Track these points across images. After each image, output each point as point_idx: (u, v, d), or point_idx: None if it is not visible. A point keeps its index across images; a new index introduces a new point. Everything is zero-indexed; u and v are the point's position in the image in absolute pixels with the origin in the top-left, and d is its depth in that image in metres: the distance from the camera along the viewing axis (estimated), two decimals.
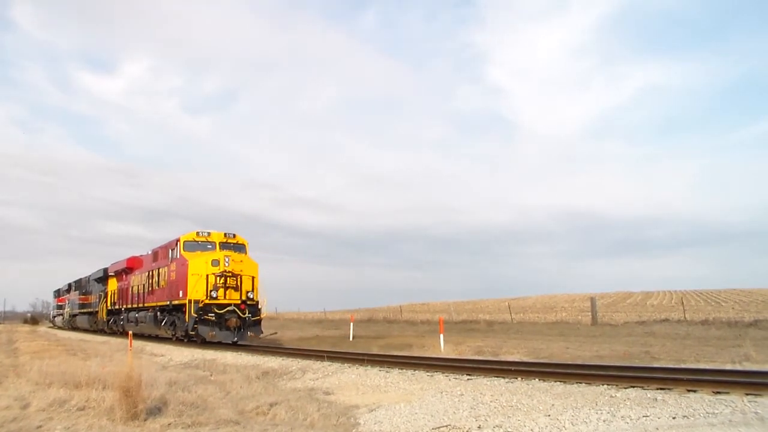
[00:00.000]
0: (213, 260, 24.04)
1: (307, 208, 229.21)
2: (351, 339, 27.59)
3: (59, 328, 57.58)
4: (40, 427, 7.73)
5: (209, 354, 20.85)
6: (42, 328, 59.35)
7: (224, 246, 25.30)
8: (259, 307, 24.68)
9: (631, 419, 7.54)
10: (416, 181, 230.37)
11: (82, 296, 47.36)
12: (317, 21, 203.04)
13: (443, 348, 19.54)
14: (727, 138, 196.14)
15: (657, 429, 6.89)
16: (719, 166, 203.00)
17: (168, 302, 26.23)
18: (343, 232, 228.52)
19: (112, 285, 37.17)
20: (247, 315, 23.80)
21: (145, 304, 29.64)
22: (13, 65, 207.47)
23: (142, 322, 29.89)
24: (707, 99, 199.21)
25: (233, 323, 23.35)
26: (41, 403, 9.01)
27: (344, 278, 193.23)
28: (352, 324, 29.67)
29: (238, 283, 24.09)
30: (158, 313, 27.58)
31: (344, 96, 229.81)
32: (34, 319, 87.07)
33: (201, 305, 23.28)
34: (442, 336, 20.01)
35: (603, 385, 10.08)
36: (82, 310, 47.07)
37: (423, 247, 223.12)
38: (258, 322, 24.45)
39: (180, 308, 24.78)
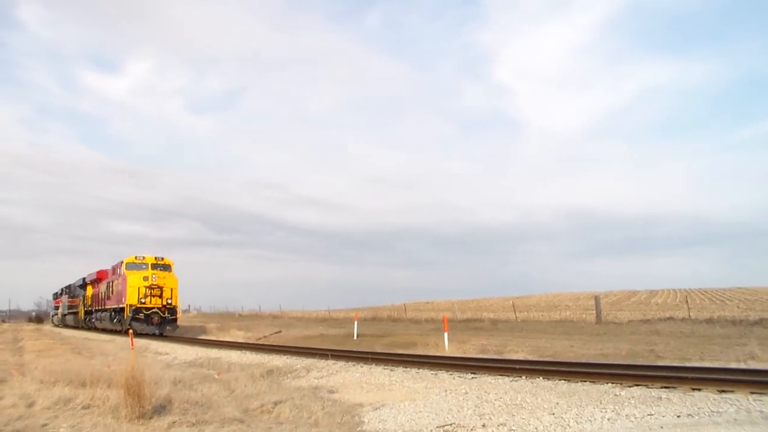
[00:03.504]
0: (144, 276, 33.91)
1: (312, 208, 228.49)
2: (355, 337, 27.60)
3: (57, 326, 61.82)
4: (46, 425, 7.75)
5: (213, 352, 20.91)
6: (46, 327, 59.67)
7: (154, 266, 34.69)
8: (177, 309, 34.99)
9: (635, 418, 7.53)
10: (420, 181, 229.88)
11: (70, 299, 55.55)
12: (322, 21, 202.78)
13: (447, 346, 19.52)
14: (731, 137, 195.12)
15: (662, 428, 6.88)
16: (723, 165, 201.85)
17: (117, 306, 35.86)
18: (347, 231, 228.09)
19: (89, 291, 46.25)
20: (166, 315, 33.73)
21: (105, 307, 39.27)
22: (19, 65, 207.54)
23: (104, 320, 39.59)
24: (711, 98, 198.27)
25: (156, 321, 33.27)
26: (46, 401, 9.04)
27: (348, 277, 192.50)
28: (356, 322, 29.66)
29: (162, 293, 33.96)
30: (112, 313, 37.10)
31: (348, 96, 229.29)
32: (38, 318, 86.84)
33: (134, 308, 33.19)
34: (446, 334, 19.98)
35: (607, 383, 10.07)
36: (71, 311, 55.42)
37: (427, 245, 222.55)
38: (174, 320, 34.35)
39: (123, 310, 34.29)
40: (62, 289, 61.54)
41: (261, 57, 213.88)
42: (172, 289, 34.56)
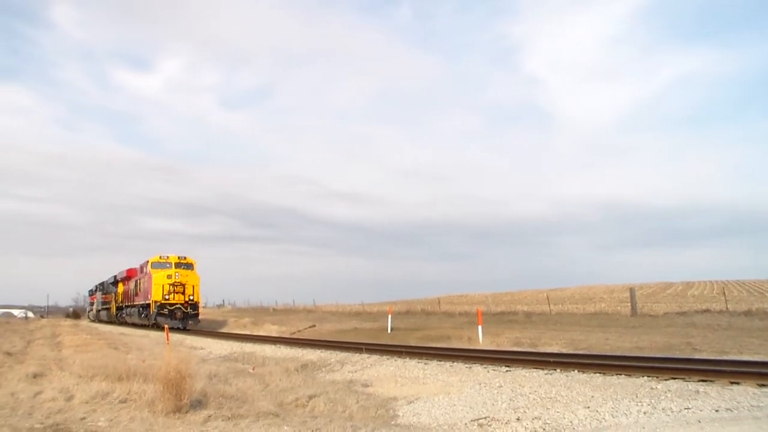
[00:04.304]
0: (168, 275, 36.94)
1: (344, 202, 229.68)
2: (389, 331, 27.62)
3: (92, 321, 63.80)
4: (84, 418, 7.91)
5: (248, 347, 21.11)
6: (83, 322, 60.95)
7: (177, 265, 37.78)
8: (199, 305, 38.38)
9: (672, 411, 7.41)
10: (452, 173, 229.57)
11: (104, 296, 58.96)
12: (352, 15, 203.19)
13: (482, 340, 19.45)
14: (765, 125, 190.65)
15: (699, 422, 6.75)
16: (758, 154, 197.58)
17: (144, 302, 38.87)
18: (379, 225, 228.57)
19: (120, 288, 49.50)
20: (188, 310, 36.89)
21: (134, 303, 42.42)
22: (53, 65, 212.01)
23: (133, 316, 42.44)
24: (743, 87, 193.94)
25: (179, 316, 36.41)
26: (84, 395, 9.21)
27: (382, 270, 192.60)
28: (390, 316, 29.69)
29: (184, 290, 36.93)
30: (140, 309, 40.00)
31: (379, 89, 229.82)
32: (75, 314, 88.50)
33: (159, 304, 36.26)
34: (480, 327, 19.91)
35: (643, 376, 9.93)
36: (104, 307, 58.75)
37: (460, 238, 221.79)
38: (196, 315, 37.53)
39: (149, 306, 37.30)
40: (96, 286, 64.62)
41: (292, 52, 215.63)
42: (194, 286, 37.69)
